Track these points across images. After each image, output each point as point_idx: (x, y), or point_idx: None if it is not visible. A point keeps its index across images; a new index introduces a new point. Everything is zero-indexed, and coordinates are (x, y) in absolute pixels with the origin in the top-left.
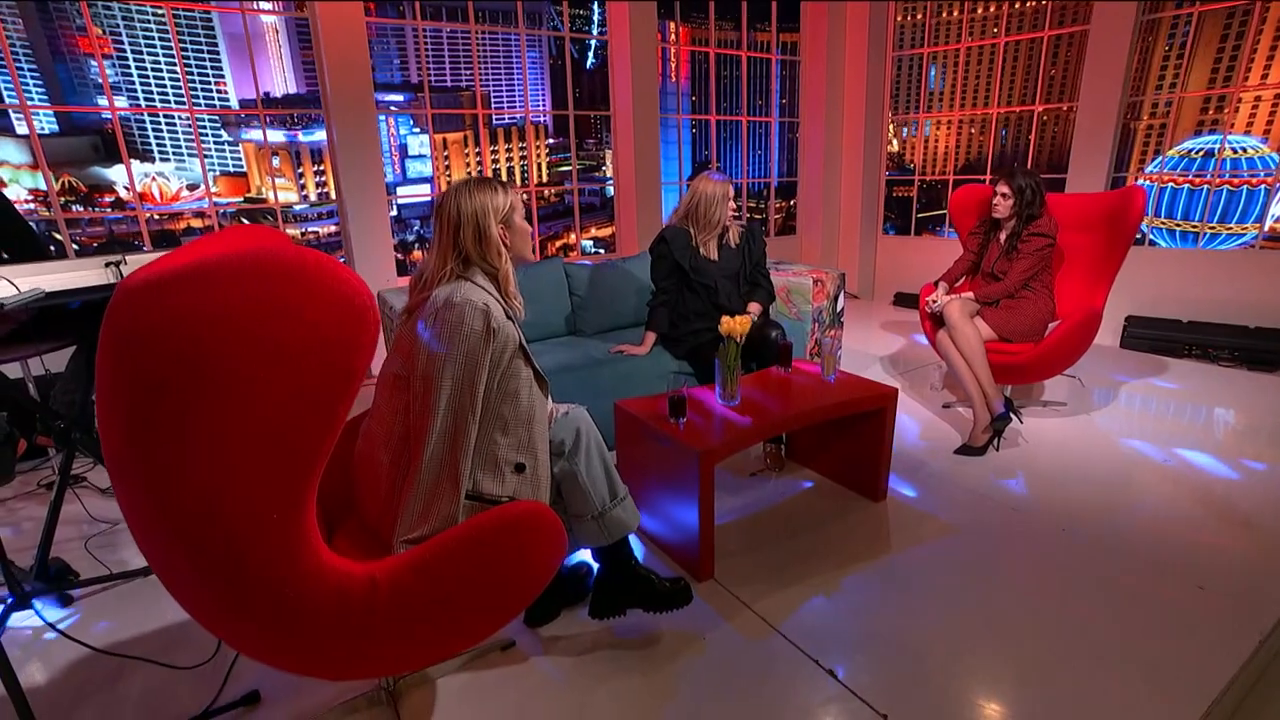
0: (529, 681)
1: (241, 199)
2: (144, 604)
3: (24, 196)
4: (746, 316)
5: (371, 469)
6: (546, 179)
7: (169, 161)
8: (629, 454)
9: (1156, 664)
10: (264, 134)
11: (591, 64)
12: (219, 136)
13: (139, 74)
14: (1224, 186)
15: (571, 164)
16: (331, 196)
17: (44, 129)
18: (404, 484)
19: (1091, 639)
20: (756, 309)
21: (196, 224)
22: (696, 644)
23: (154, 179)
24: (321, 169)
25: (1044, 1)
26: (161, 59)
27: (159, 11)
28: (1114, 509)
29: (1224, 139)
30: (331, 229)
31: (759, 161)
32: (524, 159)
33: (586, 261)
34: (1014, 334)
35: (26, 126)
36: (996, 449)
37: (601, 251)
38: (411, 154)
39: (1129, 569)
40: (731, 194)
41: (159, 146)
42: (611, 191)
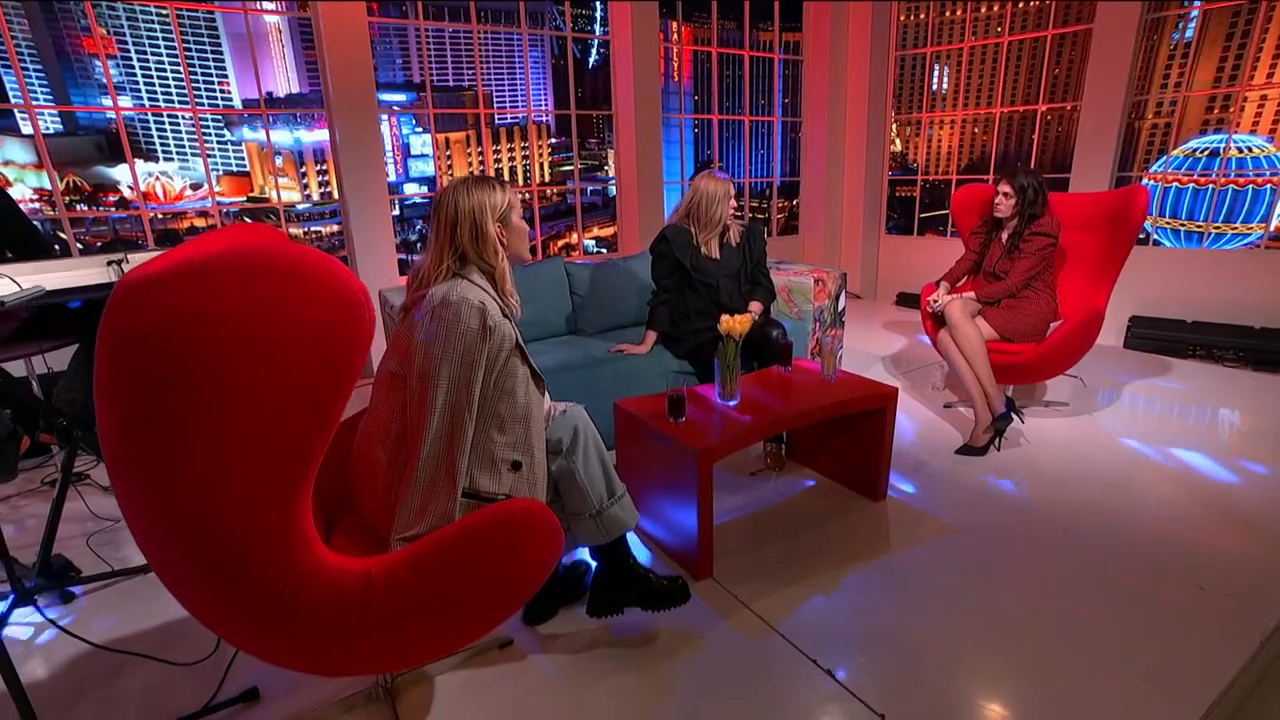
0: (527, 679)
1: (245, 198)
2: (144, 601)
3: (29, 196)
4: (746, 315)
5: (369, 466)
6: (549, 178)
7: (172, 161)
8: (628, 453)
9: (1157, 664)
10: (266, 134)
11: (595, 59)
12: (222, 136)
13: (143, 74)
14: (1229, 186)
15: (574, 163)
16: (334, 196)
17: (49, 129)
18: (401, 481)
19: (1092, 639)
20: (758, 308)
21: (200, 223)
22: (694, 642)
23: (158, 178)
24: (324, 168)
25: (1047, 1)
26: (165, 59)
27: (162, 11)
28: (1115, 509)
29: (1229, 138)
30: (334, 228)
31: (761, 161)
32: (526, 159)
33: (587, 261)
34: (1016, 334)
35: (31, 126)
36: (998, 449)
37: (603, 251)
38: (414, 153)
39: (1129, 569)
40: (732, 192)
41: (163, 146)
42: (614, 191)
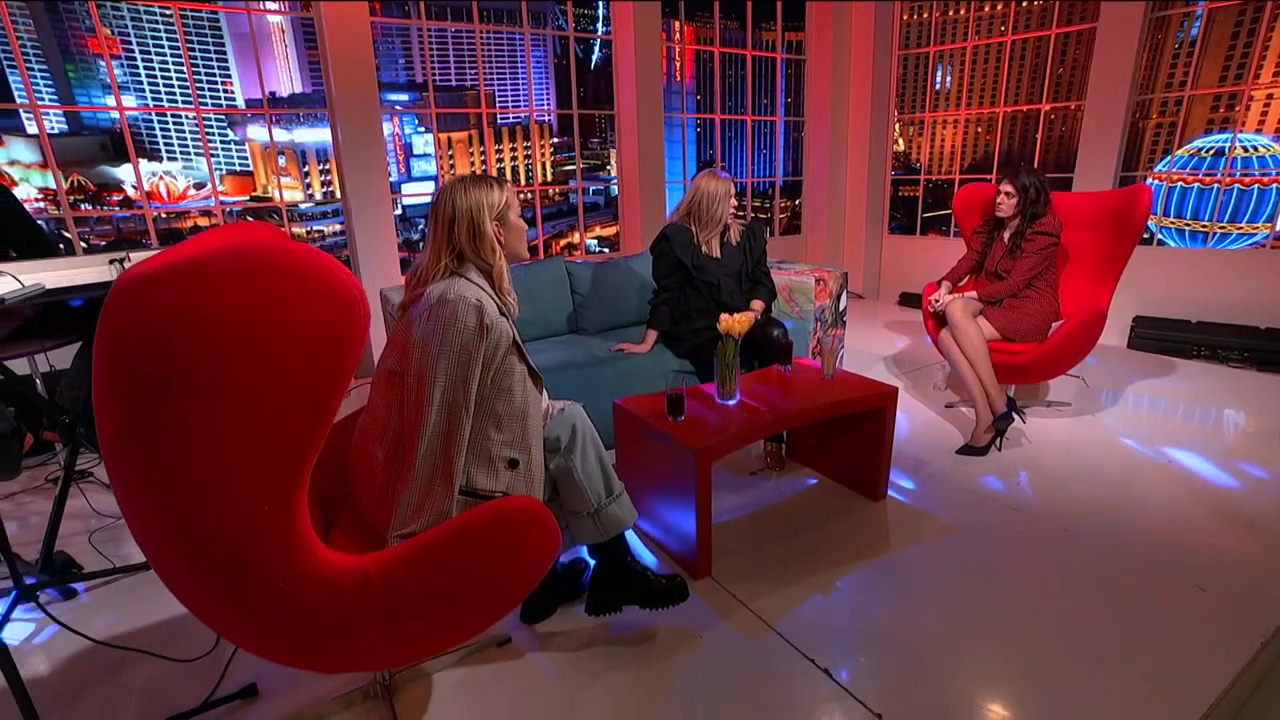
0: (525, 677)
1: (248, 197)
2: (145, 597)
3: (34, 195)
4: (745, 315)
5: (367, 464)
6: (551, 178)
7: (176, 160)
8: (628, 452)
9: (1157, 665)
10: (269, 133)
11: (597, 59)
12: (225, 135)
13: (147, 74)
14: (1234, 185)
15: (576, 163)
16: (336, 195)
17: (54, 128)
18: (398, 479)
19: (1092, 639)
20: (759, 306)
21: (203, 222)
22: (692, 641)
23: (161, 178)
24: (327, 168)
25: (1051, 0)
26: (169, 59)
27: (166, 12)
28: (1116, 510)
29: (1234, 137)
30: (336, 227)
31: (764, 161)
32: (528, 158)
33: (588, 260)
34: (1017, 333)
35: (36, 126)
36: (999, 449)
37: (606, 251)
38: (416, 153)
39: (1130, 569)
40: (733, 191)
41: (166, 145)
42: (615, 191)
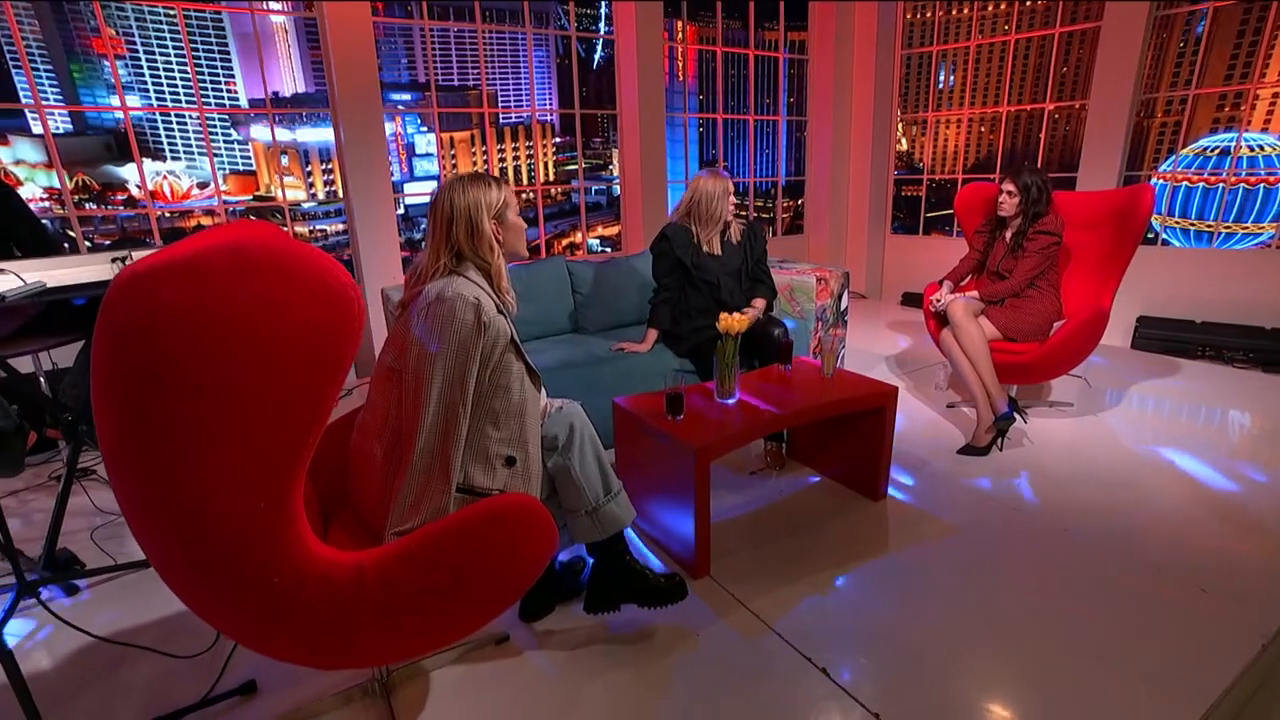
0: (523, 675)
1: (251, 197)
2: (146, 594)
3: (39, 195)
4: (744, 315)
5: (365, 462)
6: (553, 177)
7: (180, 160)
8: (627, 451)
9: (1157, 665)
10: (272, 133)
11: (600, 59)
12: (229, 135)
13: (151, 74)
14: (1240, 185)
15: (578, 163)
16: (339, 195)
17: (58, 129)
18: (396, 476)
19: (1092, 639)
20: (761, 304)
21: (207, 221)
22: (690, 640)
23: (165, 177)
24: (329, 167)
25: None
26: (173, 59)
27: (170, 12)
28: (1117, 510)
29: (1240, 136)
30: (339, 227)
31: (766, 160)
32: (530, 158)
33: (589, 259)
34: (1019, 333)
35: (41, 126)
36: (1000, 449)
37: (608, 250)
38: (419, 152)
39: (1130, 569)
40: (731, 189)
41: (170, 145)
42: (618, 190)
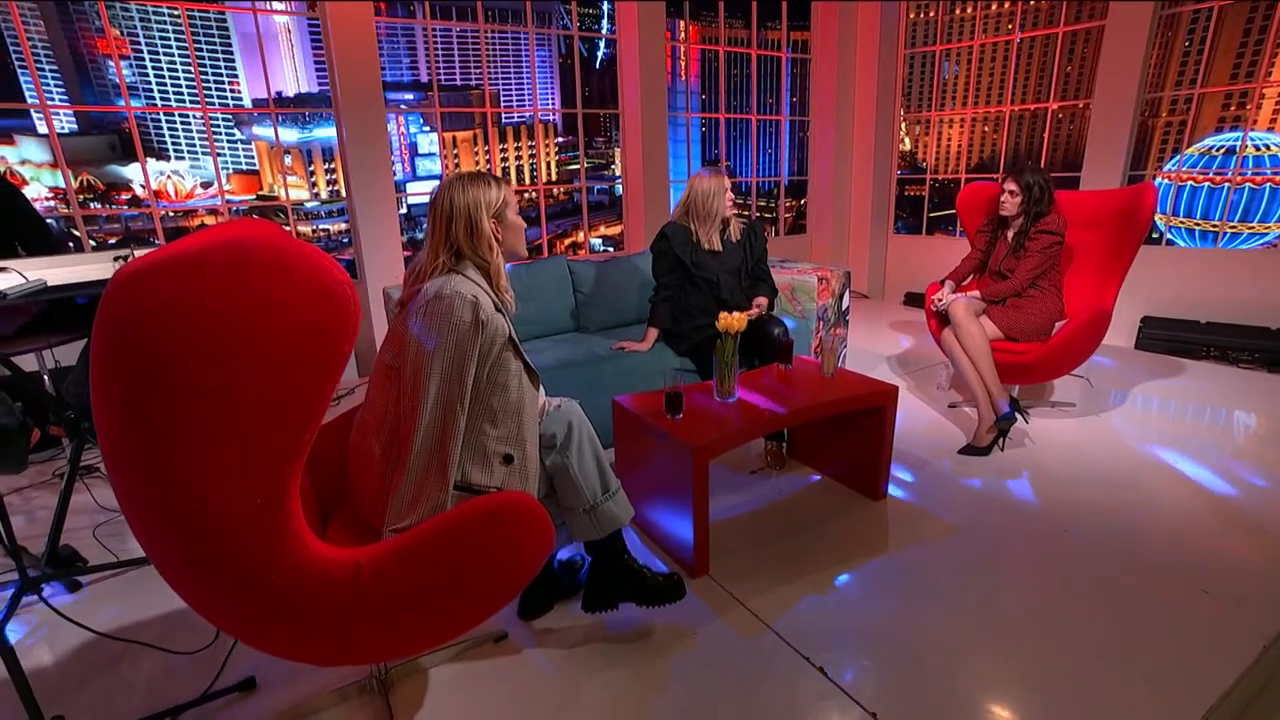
0: (521, 673)
1: (254, 196)
2: (148, 591)
3: (45, 194)
4: (744, 314)
5: (364, 459)
6: (555, 177)
7: (184, 160)
8: (627, 450)
9: (1157, 665)
10: (275, 133)
11: (602, 58)
12: (232, 135)
13: (155, 74)
14: (1245, 185)
15: (580, 162)
16: (342, 194)
17: (63, 128)
18: (394, 473)
19: (1092, 639)
20: (764, 302)
21: (210, 221)
22: (688, 639)
23: (169, 177)
24: (332, 166)
25: None
26: (177, 59)
27: (174, 12)
28: (1118, 511)
29: (1246, 135)
30: (343, 226)
31: (769, 160)
32: (533, 157)
33: (591, 259)
34: (1021, 333)
35: (47, 126)
36: (1001, 449)
37: (610, 250)
38: (421, 152)
39: (1130, 570)
40: (728, 185)
41: (174, 145)
42: (620, 190)
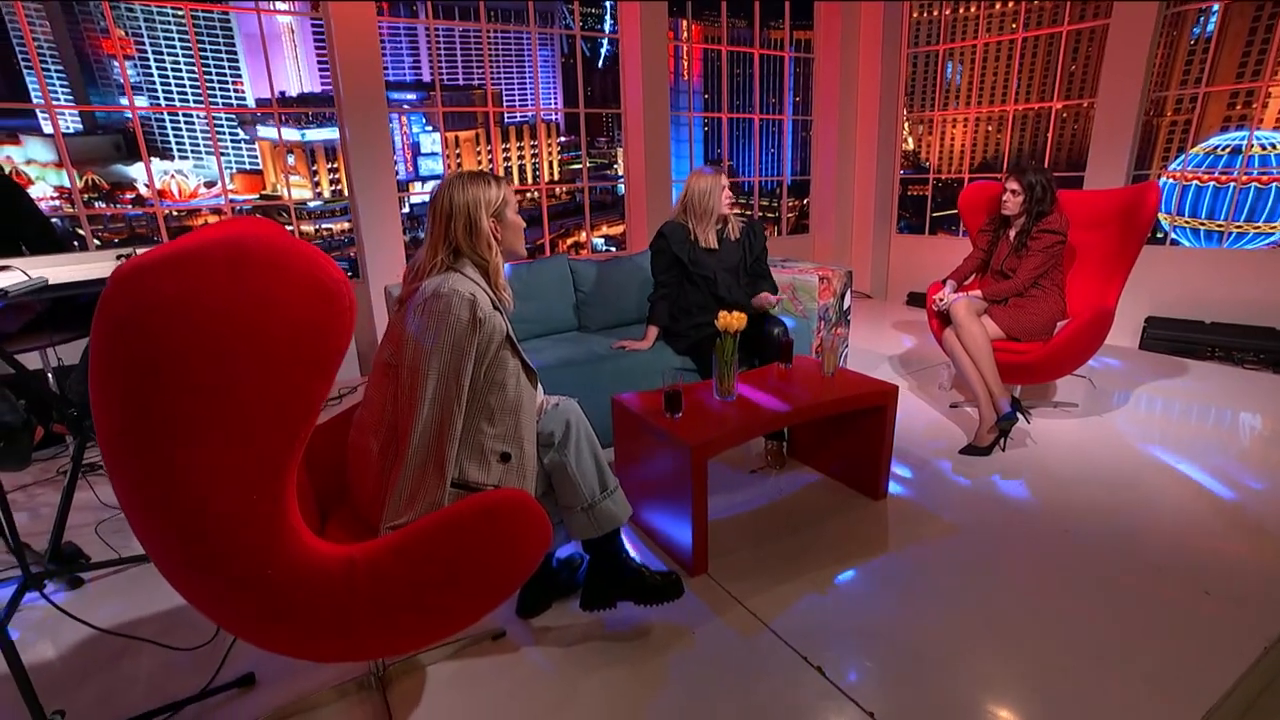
0: (519, 671)
1: (257, 196)
2: (149, 587)
3: (50, 194)
4: (743, 313)
5: (362, 457)
6: (558, 177)
7: (187, 159)
8: (626, 448)
9: (1157, 665)
10: (278, 132)
11: (605, 58)
12: (235, 135)
13: (159, 74)
14: (1251, 184)
15: (582, 162)
16: (344, 194)
17: (68, 128)
18: (392, 471)
19: (1092, 639)
20: (769, 300)
21: (213, 219)
22: (686, 637)
23: (173, 176)
24: (335, 166)
25: None
26: (181, 59)
27: (178, 12)
28: (1119, 511)
29: (1251, 135)
30: (345, 225)
31: (772, 160)
32: (535, 157)
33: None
34: (1023, 333)
35: (52, 126)
36: (1003, 449)
37: (613, 249)
38: (424, 151)
39: (1131, 570)
40: (724, 182)
41: (178, 145)
42: (623, 189)
